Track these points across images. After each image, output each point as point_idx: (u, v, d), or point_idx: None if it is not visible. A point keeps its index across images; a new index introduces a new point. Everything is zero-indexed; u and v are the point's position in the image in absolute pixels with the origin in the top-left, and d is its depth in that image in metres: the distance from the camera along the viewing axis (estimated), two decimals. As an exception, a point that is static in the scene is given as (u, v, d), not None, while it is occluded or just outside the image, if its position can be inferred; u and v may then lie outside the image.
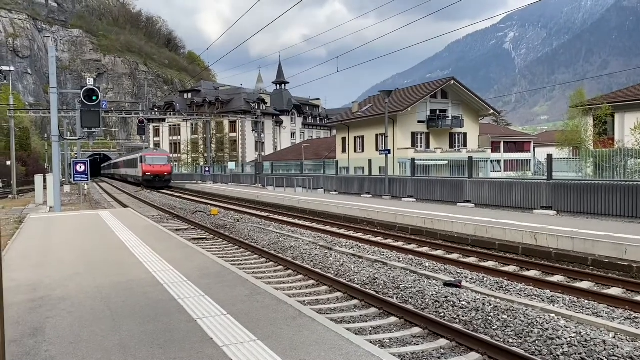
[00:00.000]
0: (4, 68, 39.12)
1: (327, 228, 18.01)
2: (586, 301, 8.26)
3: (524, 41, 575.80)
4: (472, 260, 11.94)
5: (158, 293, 6.84)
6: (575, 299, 8.39)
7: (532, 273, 10.48)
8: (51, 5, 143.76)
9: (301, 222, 19.72)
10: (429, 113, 49.79)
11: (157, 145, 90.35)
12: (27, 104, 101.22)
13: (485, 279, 9.89)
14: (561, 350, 6.02)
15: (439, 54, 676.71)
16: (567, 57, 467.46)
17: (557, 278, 10.03)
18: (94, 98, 19.12)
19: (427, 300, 8.27)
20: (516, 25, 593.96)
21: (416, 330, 6.96)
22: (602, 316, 7.45)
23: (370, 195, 27.87)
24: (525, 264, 11.20)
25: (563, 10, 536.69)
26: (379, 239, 15.30)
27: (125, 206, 28.45)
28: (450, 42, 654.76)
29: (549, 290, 8.90)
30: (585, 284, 9.48)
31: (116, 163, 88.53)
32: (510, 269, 10.93)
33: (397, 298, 8.57)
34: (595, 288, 9.25)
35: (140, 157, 52.14)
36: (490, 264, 11.50)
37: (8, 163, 46.19)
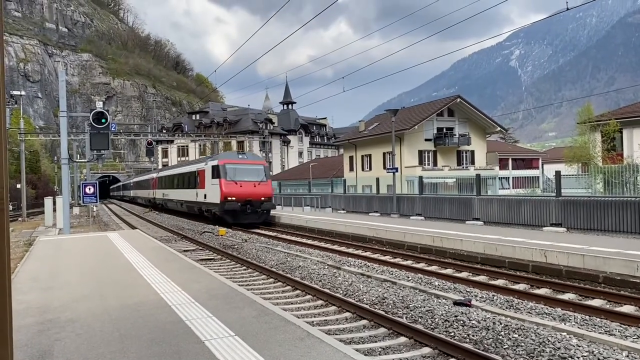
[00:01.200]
0: (15, 92, 39.75)
1: (336, 247, 17.95)
2: (598, 319, 8.15)
3: (530, 58, 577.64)
4: (481, 278, 11.84)
5: (166, 315, 6.83)
6: (587, 317, 8.28)
7: (542, 291, 10.37)
8: (61, 31, 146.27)
9: (309, 242, 19.67)
10: (435, 131, 49.82)
11: (165, 165, 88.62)
12: (37, 127, 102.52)
13: (495, 297, 9.79)
14: (574, 369, 5.93)
15: (445, 72, 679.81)
16: (573, 74, 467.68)
17: (568, 296, 9.91)
18: (103, 121, 19.33)
19: (436, 320, 8.19)
20: (522, 42, 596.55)
21: (426, 350, 6.88)
22: (614, 334, 7.34)
23: (378, 214, 27.81)
24: (536, 281, 11.09)
25: (568, 28, 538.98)
26: (387, 258, 15.23)
27: (133, 227, 28.54)
28: (456, 60, 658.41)
29: (560, 309, 8.80)
30: (597, 302, 9.36)
31: (139, 182, 63.50)
32: (521, 287, 10.83)
33: (406, 318, 8.49)
34: (608, 306, 9.12)
35: (214, 167, 28.67)
36: (500, 282, 11.39)
37: (18, 186, 46.56)
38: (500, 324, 7.69)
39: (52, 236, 21.19)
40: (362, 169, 53.44)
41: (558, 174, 18.38)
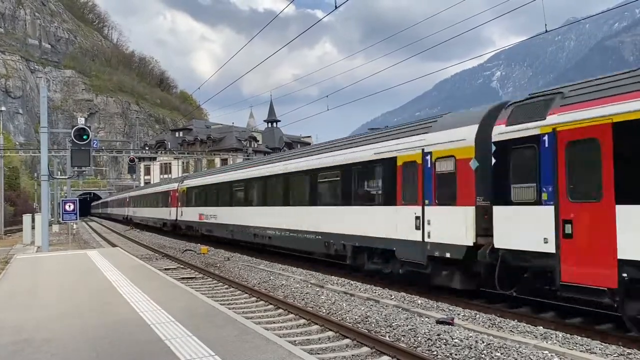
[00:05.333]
0: (-5, 108, 39.20)
1: (319, 265, 17.84)
2: (579, 337, 8.18)
3: (511, 80, 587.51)
4: (463, 297, 11.83)
5: (145, 334, 6.70)
6: (569, 335, 8.31)
7: (524, 309, 10.39)
8: (44, 47, 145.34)
9: (292, 260, 19.52)
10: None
11: (147, 183, 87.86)
12: (17, 143, 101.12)
13: (477, 315, 9.79)
14: (555, 388, 5.92)
15: (427, 92, 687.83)
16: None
17: (549, 314, 9.94)
18: (85, 137, 19.14)
19: (419, 338, 8.16)
20: (503, 64, 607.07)
21: (408, 369, 6.83)
22: (595, 352, 7.37)
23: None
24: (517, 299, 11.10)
25: (547, 50, 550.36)
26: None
27: (114, 245, 28.12)
28: (439, 81, 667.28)
29: (542, 327, 8.82)
30: (577, 320, 9.40)
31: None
32: (502, 305, 10.83)
33: (389, 336, 8.45)
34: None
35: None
36: (482, 300, 11.39)
37: (-4, 203, 45.72)
38: (483, 342, 7.68)
39: (30, 254, 20.79)
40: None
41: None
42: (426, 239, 11.38)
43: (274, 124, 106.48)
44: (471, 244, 10.31)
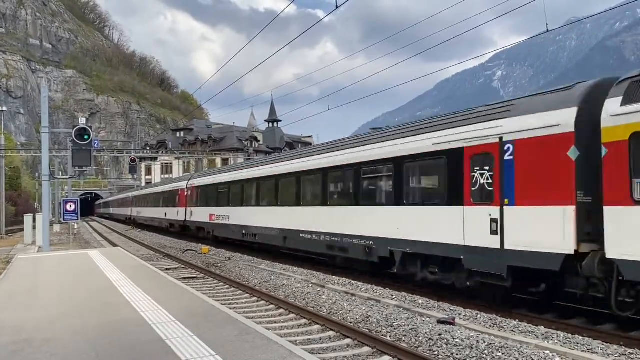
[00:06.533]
0: (-3, 108, 39.24)
1: (320, 266, 17.82)
2: (580, 337, 8.16)
3: (512, 79, 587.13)
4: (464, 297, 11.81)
5: (145, 333, 6.69)
6: (570, 335, 8.29)
7: (524, 310, 10.36)
8: (45, 47, 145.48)
9: (294, 260, 19.51)
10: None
11: (148, 183, 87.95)
12: (18, 143, 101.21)
13: (478, 315, 9.78)
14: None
15: (428, 92, 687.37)
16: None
17: (550, 315, 9.92)
18: (86, 137, 19.14)
19: (420, 338, 8.14)
20: (504, 64, 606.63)
21: (409, 369, 6.82)
22: (597, 352, 7.35)
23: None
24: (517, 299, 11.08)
25: (549, 50, 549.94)
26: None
27: (115, 245, 28.13)
28: (439, 80, 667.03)
29: (543, 327, 8.80)
30: (578, 321, 9.38)
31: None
32: (503, 305, 10.81)
33: (390, 336, 8.44)
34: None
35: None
36: (482, 300, 11.36)
37: (-3, 203, 45.72)
38: (484, 342, 7.67)
39: (31, 254, 20.80)
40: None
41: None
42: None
43: (275, 124, 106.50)
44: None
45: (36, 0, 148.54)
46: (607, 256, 7.93)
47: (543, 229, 8.86)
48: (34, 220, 32.37)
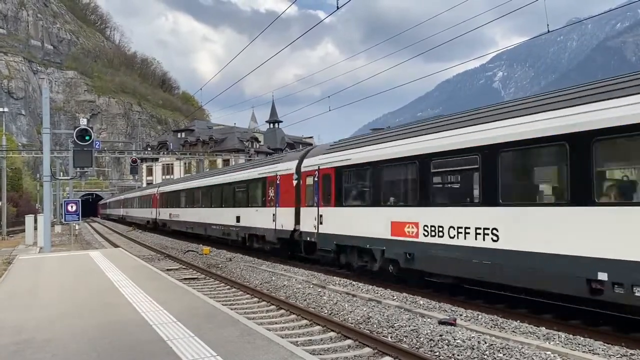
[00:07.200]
0: (-2, 109, 39.26)
1: (320, 266, 17.82)
2: (582, 338, 8.14)
3: (513, 80, 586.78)
4: (465, 297, 11.81)
5: (146, 334, 6.69)
6: (571, 335, 8.27)
7: (525, 310, 10.35)
8: (47, 48, 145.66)
9: (294, 261, 19.52)
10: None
11: (149, 184, 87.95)
12: (20, 144, 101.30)
13: (479, 316, 9.76)
14: (558, 389, 5.88)
15: (429, 93, 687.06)
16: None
17: (551, 315, 9.91)
18: (87, 138, 19.14)
19: (421, 339, 8.13)
20: (505, 64, 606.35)
21: (411, 370, 6.81)
22: (598, 353, 7.34)
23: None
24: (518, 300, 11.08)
25: (549, 51, 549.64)
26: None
27: (116, 246, 28.13)
28: (440, 81, 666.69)
29: (544, 328, 8.79)
30: (579, 321, 9.36)
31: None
32: (504, 306, 10.80)
33: (391, 337, 8.43)
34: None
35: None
36: (483, 300, 11.36)
37: (-1, 204, 45.74)
38: (485, 343, 7.66)
39: (32, 255, 20.80)
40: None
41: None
42: None
43: (276, 125, 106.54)
44: None
45: (37, 2, 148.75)
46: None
47: None
48: (35, 221, 32.39)
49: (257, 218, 20.82)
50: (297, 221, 17.59)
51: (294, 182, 17.69)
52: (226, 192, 24.98)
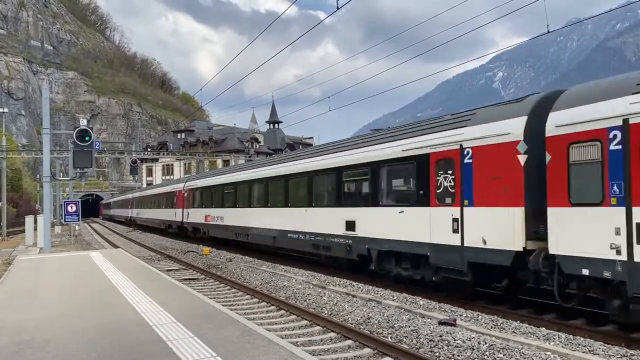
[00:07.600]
0: (-2, 110, 39.26)
1: (320, 267, 17.80)
2: (582, 338, 8.14)
3: (513, 80, 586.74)
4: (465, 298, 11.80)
5: (146, 334, 6.69)
6: (571, 336, 8.27)
7: (525, 311, 10.35)
8: (47, 48, 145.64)
9: (294, 261, 19.51)
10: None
11: (149, 184, 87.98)
12: (20, 145, 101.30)
13: (479, 316, 9.76)
14: (558, 389, 5.88)
15: (429, 93, 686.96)
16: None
17: (551, 315, 9.91)
18: (87, 138, 19.14)
19: (421, 340, 8.13)
20: (505, 65, 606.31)
21: (411, 370, 6.81)
22: (598, 353, 7.33)
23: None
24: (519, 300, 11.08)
25: (549, 51, 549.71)
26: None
27: (116, 247, 28.13)
28: (440, 82, 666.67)
29: (544, 328, 8.78)
30: (579, 321, 9.36)
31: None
32: (504, 306, 10.79)
33: (391, 337, 8.43)
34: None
35: None
36: (484, 301, 11.36)
37: (-1, 204, 45.75)
38: (485, 343, 7.65)
39: (32, 255, 20.81)
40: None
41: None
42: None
43: (276, 125, 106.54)
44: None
45: (37, 2, 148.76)
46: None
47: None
48: (35, 221, 32.40)
49: (403, 225, 12.41)
50: (539, 233, 9.36)
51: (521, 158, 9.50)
52: (321, 183, 16.74)
